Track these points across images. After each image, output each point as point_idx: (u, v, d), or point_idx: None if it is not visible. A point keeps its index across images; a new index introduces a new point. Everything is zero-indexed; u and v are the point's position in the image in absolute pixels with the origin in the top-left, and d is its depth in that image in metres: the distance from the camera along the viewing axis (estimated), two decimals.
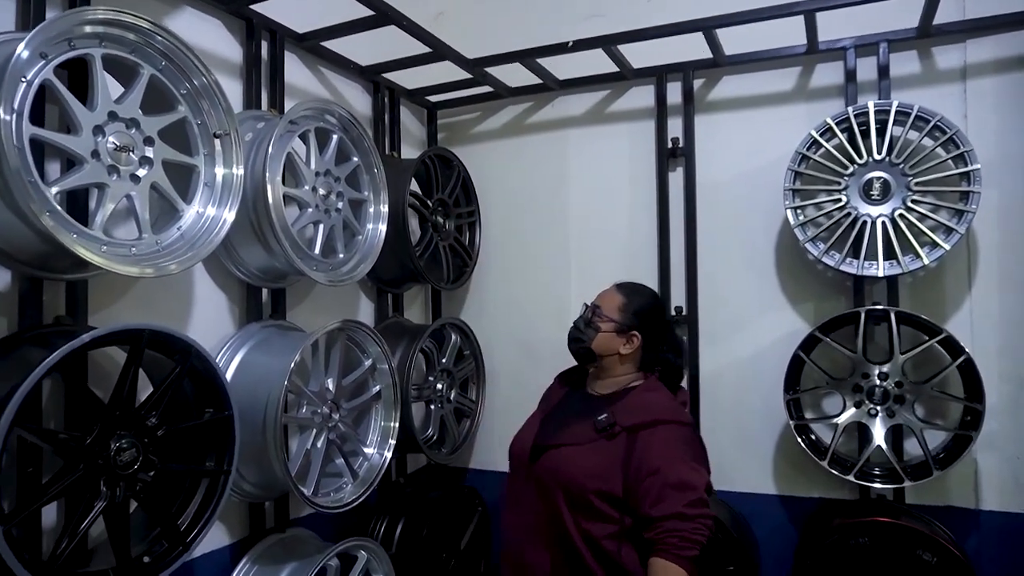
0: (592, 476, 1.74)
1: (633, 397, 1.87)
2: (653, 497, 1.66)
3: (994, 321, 2.23)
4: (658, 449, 1.72)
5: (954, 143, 2.08)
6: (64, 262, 1.48)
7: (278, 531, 2.08)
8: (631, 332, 1.91)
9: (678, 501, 1.64)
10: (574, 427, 1.85)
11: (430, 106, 3.00)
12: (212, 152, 1.66)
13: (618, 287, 2.00)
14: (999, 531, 2.21)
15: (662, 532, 1.63)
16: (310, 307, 2.32)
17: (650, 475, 1.68)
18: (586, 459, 1.77)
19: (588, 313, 1.96)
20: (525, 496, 1.87)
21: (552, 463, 1.82)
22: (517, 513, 1.89)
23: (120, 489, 1.41)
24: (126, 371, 1.42)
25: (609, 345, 1.91)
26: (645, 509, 1.67)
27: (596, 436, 1.79)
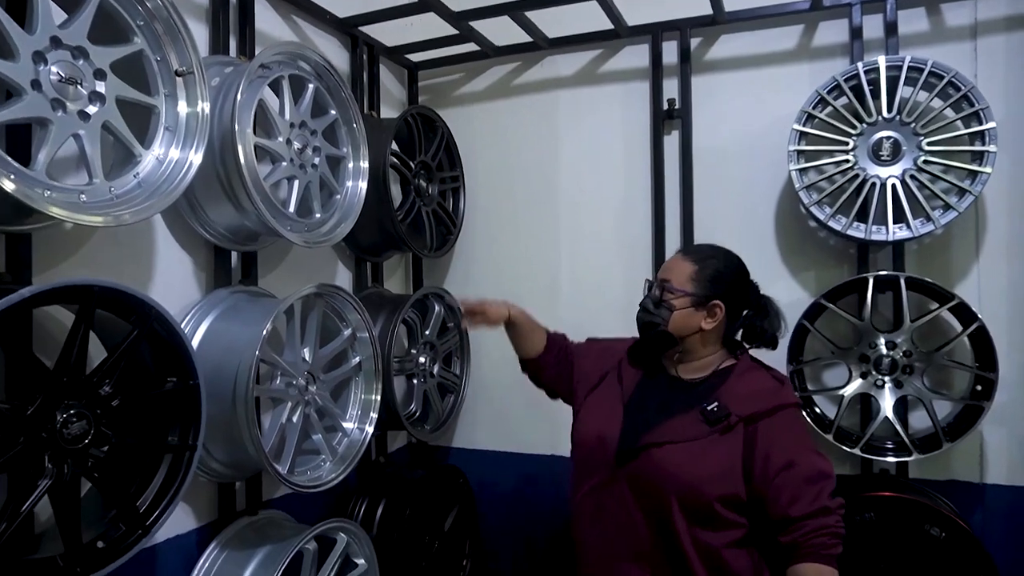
0: (714, 479, 1.49)
1: (739, 381, 1.60)
2: (789, 495, 1.44)
3: (1003, 289, 2.15)
4: (784, 439, 1.49)
5: (968, 100, 1.98)
6: (3, 209, 1.30)
7: (249, 513, 1.93)
8: (712, 303, 1.60)
9: (819, 495, 1.44)
10: (678, 420, 1.56)
11: (411, 66, 2.83)
12: (174, 92, 1.48)
13: (684, 253, 1.70)
14: (1005, 505, 2.14)
15: (807, 533, 1.42)
16: (283, 273, 2.15)
17: (782, 471, 1.46)
18: (704, 459, 1.50)
19: (656, 291, 1.65)
20: (611, 503, 1.57)
21: (659, 465, 1.52)
22: (600, 523, 1.59)
23: (68, 466, 1.24)
24: (74, 333, 1.26)
25: (688, 323, 1.61)
26: (781, 510, 1.44)
27: (709, 431, 1.52)
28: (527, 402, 2.74)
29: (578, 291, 2.68)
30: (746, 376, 1.60)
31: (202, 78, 1.49)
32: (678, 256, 1.70)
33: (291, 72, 1.84)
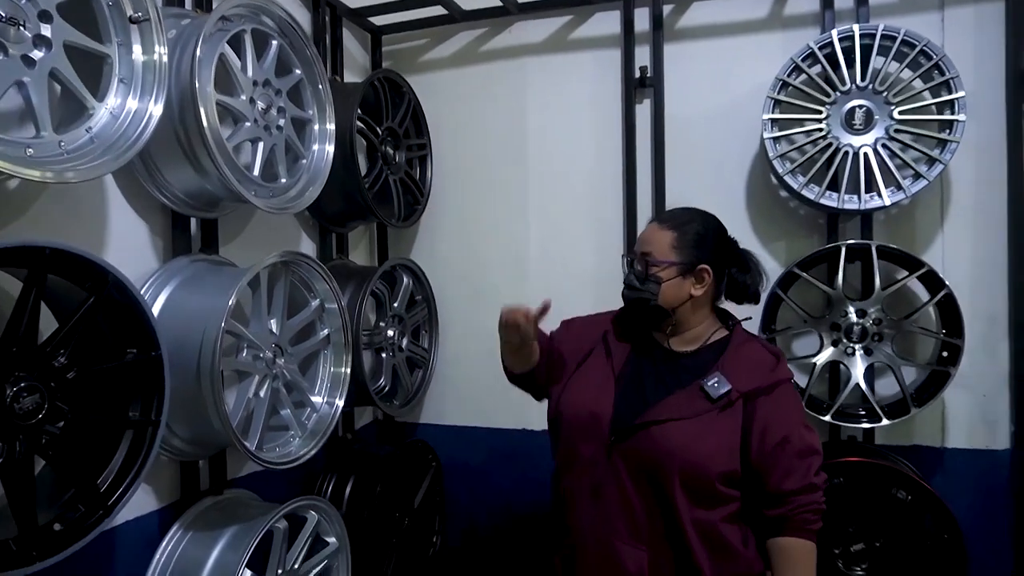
0: (716, 456, 1.46)
1: (737, 354, 1.56)
2: (782, 470, 1.45)
3: (967, 258, 2.19)
4: (781, 415, 1.48)
5: (939, 70, 2.00)
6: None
7: (214, 493, 1.84)
8: (699, 268, 1.56)
9: (807, 471, 1.46)
10: (678, 396, 1.52)
11: (375, 29, 2.71)
12: (128, 41, 1.37)
13: (660, 221, 1.63)
14: (964, 468, 2.21)
15: (795, 508, 1.44)
16: (245, 242, 2.04)
17: (778, 445, 1.45)
18: (707, 436, 1.47)
19: (638, 266, 1.59)
20: (608, 482, 1.53)
21: (661, 444, 1.47)
22: (596, 504, 1.55)
23: (20, 443, 1.15)
24: (24, 298, 1.15)
25: (679, 293, 1.56)
26: (773, 484, 1.45)
27: (710, 407, 1.48)
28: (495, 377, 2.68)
29: (547, 262, 2.64)
30: (743, 349, 1.57)
31: (159, 24, 1.38)
32: (654, 225, 1.64)
33: (253, 27, 1.73)
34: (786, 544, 1.46)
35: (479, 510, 2.73)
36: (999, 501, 2.17)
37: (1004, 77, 2.15)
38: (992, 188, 2.17)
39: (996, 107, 2.16)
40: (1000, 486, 2.17)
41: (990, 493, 2.17)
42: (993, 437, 2.19)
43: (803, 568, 1.46)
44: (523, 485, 2.65)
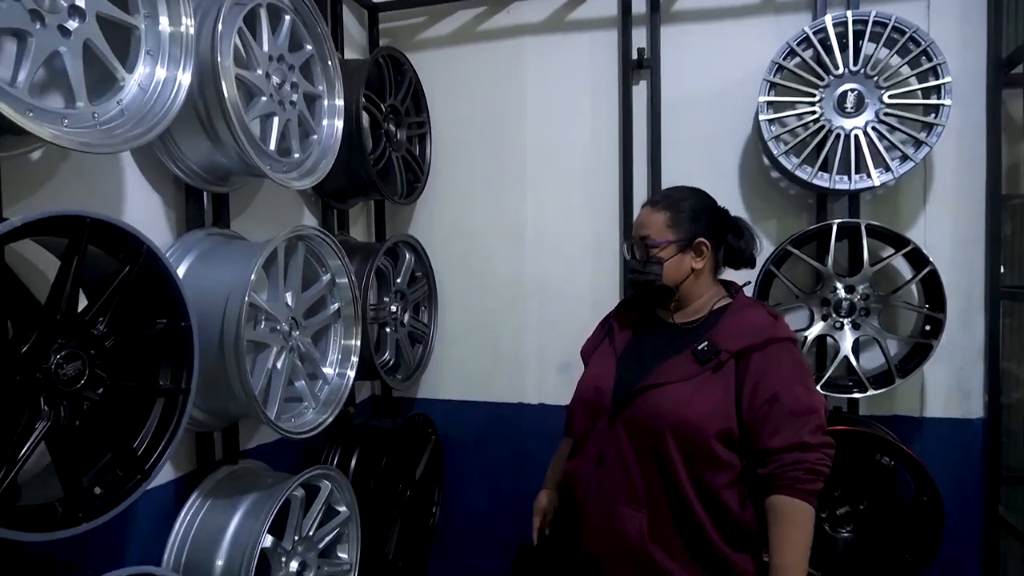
0: (708, 416, 1.51)
1: (732, 318, 1.62)
2: (771, 427, 1.48)
3: (947, 237, 2.31)
4: (773, 372, 1.52)
5: (927, 56, 2.09)
6: None
7: (229, 463, 1.87)
8: (697, 241, 1.64)
9: (800, 429, 1.47)
10: (672, 362, 1.59)
11: (372, 6, 2.72)
12: (154, 12, 1.38)
13: (652, 204, 1.70)
14: (941, 435, 2.34)
15: (783, 465, 1.46)
16: (252, 217, 2.06)
17: (767, 402, 1.49)
18: (698, 397, 1.53)
19: (639, 252, 1.66)
20: (610, 449, 1.61)
21: (655, 406, 1.55)
22: (600, 472, 1.62)
23: (64, 408, 1.17)
24: (66, 268, 1.17)
25: (680, 269, 1.64)
26: (762, 441, 1.49)
27: (701, 369, 1.55)
28: (492, 351, 2.78)
29: (544, 240, 2.69)
30: (741, 313, 1.64)
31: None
32: (647, 209, 1.71)
33: (268, 1, 1.74)
34: (776, 502, 1.47)
35: (476, 481, 2.80)
36: (972, 466, 2.31)
37: (985, 64, 2.25)
38: (972, 170, 2.28)
39: (977, 93, 2.26)
40: (974, 452, 2.31)
41: (964, 459, 2.31)
42: (968, 406, 2.32)
43: (791, 526, 1.46)
44: (517, 456, 2.72)
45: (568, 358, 2.62)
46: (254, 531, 1.62)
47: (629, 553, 1.56)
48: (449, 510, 2.77)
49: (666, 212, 1.65)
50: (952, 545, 2.19)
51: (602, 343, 1.81)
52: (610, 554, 1.59)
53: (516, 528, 2.74)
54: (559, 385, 2.63)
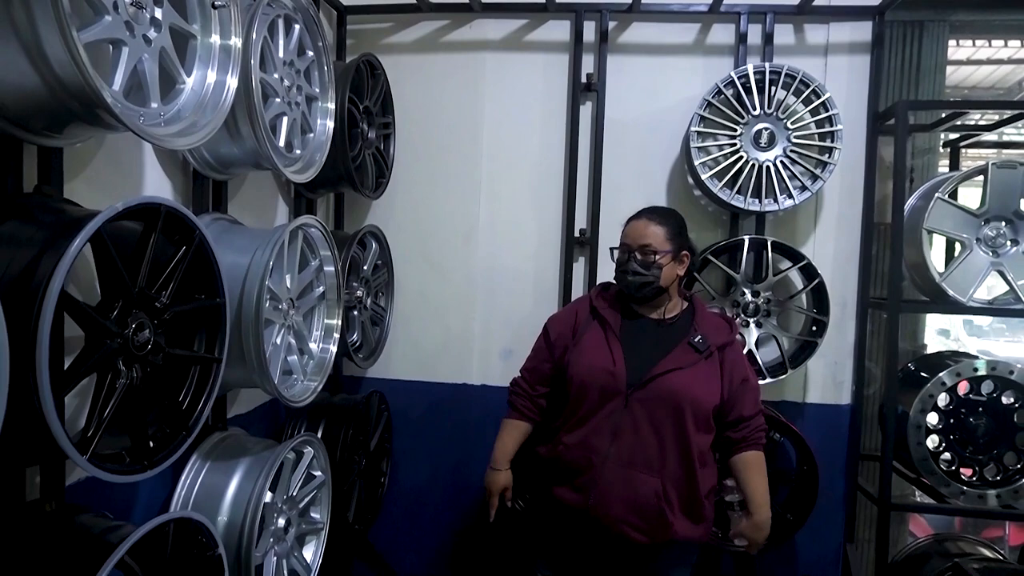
0: (710, 393, 1.94)
1: (705, 318, 2.05)
2: (744, 401, 1.99)
3: (830, 255, 2.80)
4: (739, 361, 2.02)
5: (824, 107, 2.55)
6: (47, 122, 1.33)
7: (220, 430, 2.04)
8: (682, 253, 2.02)
9: (757, 401, 2.03)
10: (676, 352, 1.96)
11: (341, 8, 2.89)
12: (208, 24, 1.55)
13: (649, 218, 2.02)
14: (818, 417, 2.83)
15: (754, 429, 1.99)
16: (239, 204, 2.21)
17: (740, 384, 1.99)
18: (702, 379, 1.94)
19: (641, 256, 1.98)
20: (626, 424, 1.92)
21: (673, 387, 1.90)
22: (615, 444, 1.92)
23: (136, 371, 1.34)
24: (141, 248, 1.34)
25: (671, 274, 2.00)
26: (737, 413, 1.98)
27: (699, 357, 1.95)
28: (441, 336, 3.03)
29: (494, 238, 2.97)
30: (706, 315, 2.08)
31: (236, 10, 1.57)
32: (646, 221, 2.02)
33: (285, 12, 1.91)
34: (750, 456, 2.01)
35: (421, 455, 3.04)
36: (840, 443, 2.82)
37: (866, 116, 2.75)
38: (852, 201, 2.78)
39: (859, 138, 2.76)
40: (842, 432, 2.82)
41: (834, 436, 2.81)
42: (839, 394, 2.83)
43: (762, 471, 2.03)
44: (461, 433, 3.00)
45: (511, 344, 2.93)
46: (258, 487, 1.81)
47: (644, 512, 1.91)
48: (395, 481, 3.00)
49: (664, 227, 2.00)
50: (822, 506, 2.67)
51: (590, 326, 2.08)
52: (625, 513, 1.92)
53: (456, 498, 3.02)
54: (501, 368, 2.93)
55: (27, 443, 1.22)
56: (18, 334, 1.06)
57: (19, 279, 1.15)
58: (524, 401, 2.16)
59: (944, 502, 2.60)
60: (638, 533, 1.91)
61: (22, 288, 1.13)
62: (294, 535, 2.08)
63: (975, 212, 2.54)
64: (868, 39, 2.75)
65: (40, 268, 1.15)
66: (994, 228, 2.56)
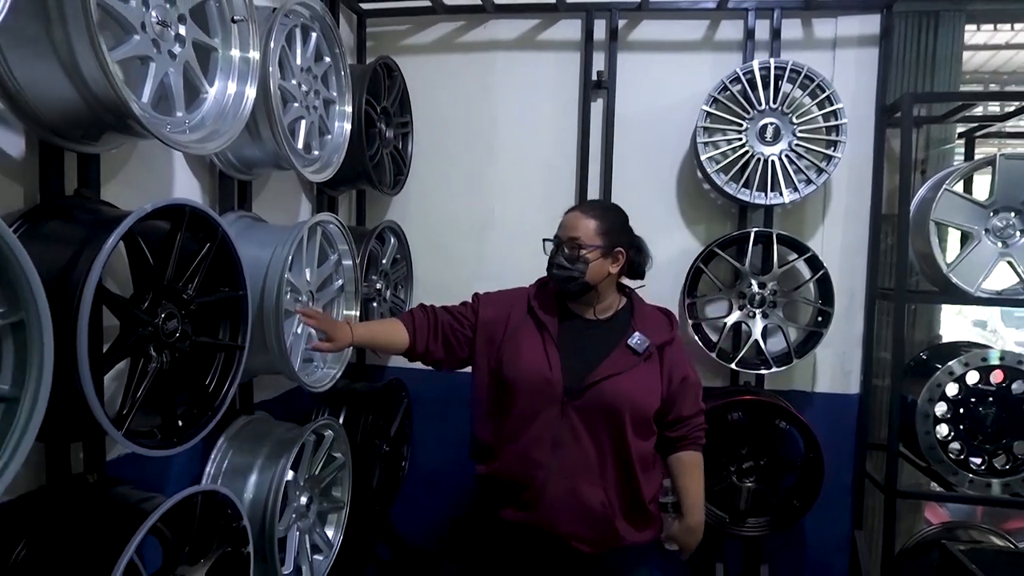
0: (649, 396, 1.89)
1: (642, 317, 1.97)
2: (683, 400, 1.94)
3: (838, 247, 2.84)
4: (679, 359, 1.97)
5: (829, 101, 2.59)
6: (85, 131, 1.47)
7: (247, 413, 2.18)
8: (616, 250, 1.92)
9: (698, 399, 1.98)
10: (614, 356, 1.89)
11: (361, 12, 3.01)
12: (228, 37, 1.67)
13: (583, 211, 1.95)
14: (826, 406, 2.88)
15: (692, 428, 1.96)
16: (264, 201, 2.34)
17: (680, 383, 1.94)
18: (642, 383, 1.88)
19: (568, 249, 1.90)
20: (565, 434, 1.85)
21: (612, 394, 1.84)
22: (556, 454, 1.85)
23: (165, 356, 1.48)
24: (169, 245, 1.48)
25: (601, 271, 1.91)
26: (676, 412, 1.94)
27: (637, 360, 1.88)
28: None
29: (505, 232, 3.06)
30: (645, 312, 2.01)
31: (254, 24, 1.69)
32: (578, 214, 1.94)
33: (302, 21, 2.04)
34: (686, 456, 1.98)
35: (438, 440, 3.16)
36: (848, 432, 2.86)
37: (875, 108, 2.78)
38: (860, 193, 2.81)
39: (867, 131, 2.79)
40: (850, 420, 2.86)
41: (842, 425, 2.86)
42: (848, 384, 2.87)
43: (699, 472, 1.99)
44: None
45: None
46: (280, 466, 1.94)
47: (592, 523, 1.86)
48: (415, 465, 3.13)
49: (595, 220, 1.91)
50: (830, 493, 2.73)
51: (524, 324, 1.98)
52: (574, 526, 1.86)
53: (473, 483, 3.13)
54: None
55: (71, 421, 1.36)
56: (61, 323, 1.20)
57: (61, 273, 1.28)
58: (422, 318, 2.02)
59: (952, 490, 2.64)
60: (588, 545, 1.87)
61: (64, 281, 1.27)
62: (316, 512, 2.22)
63: (983, 203, 2.56)
64: (876, 32, 2.77)
65: (79, 263, 1.28)
66: (1003, 219, 2.58)
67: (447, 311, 2.07)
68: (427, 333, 2.02)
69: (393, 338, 2.00)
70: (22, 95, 1.31)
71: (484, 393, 2.01)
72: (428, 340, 2.02)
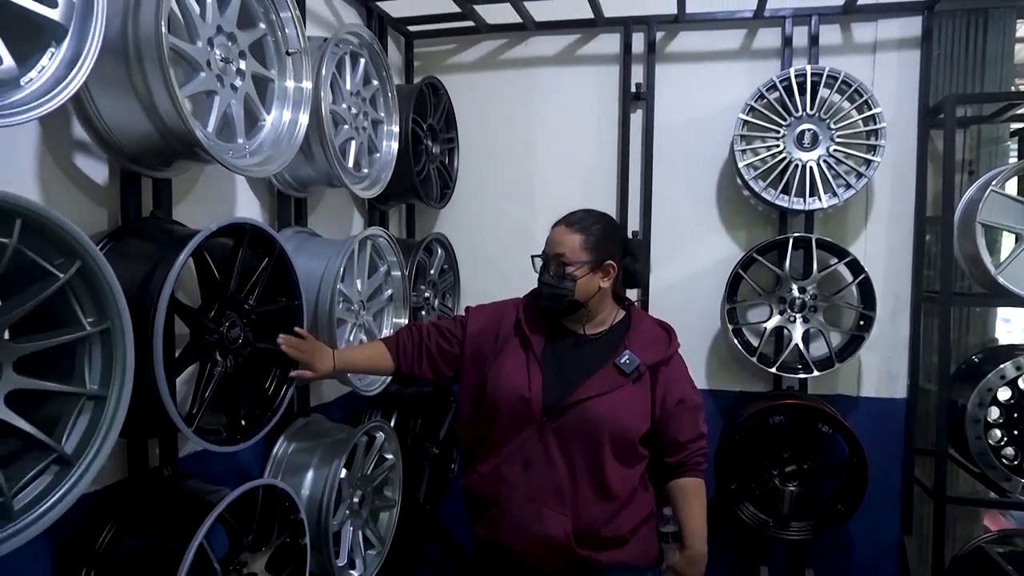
0: (636, 420, 1.77)
1: (637, 332, 1.85)
2: (679, 424, 1.80)
3: (882, 250, 2.83)
4: (676, 379, 1.83)
5: (868, 105, 2.60)
6: (159, 160, 1.63)
7: (304, 415, 2.34)
8: (606, 263, 1.82)
9: (697, 422, 1.83)
10: (599, 376, 1.78)
11: (409, 34, 3.16)
12: (283, 68, 1.83)
13: (567, 225, 1.84)
14: (872, 411, 2.87)
15: (691, 454, 1.81)
16: (319, 217, 2.51)
17: (676, 406, 1.80)
18: (627, 405, 1.76)
19: (554, 267, 1.82)
20: (537, 454, 1.77)
21: (592, 416, 1.74)
22: (525, 476, 1.78)
23: (230, 361, 1.63)
24: (232, 260, 1.63)
25: (590, 287, 1.81)
26: (671, 436, 1.81)
27: (624, 380, 1.77)
28: None
29: None
30: (641, 327, 1.88)
31: (307, 56, 1.84)
32: (562, 228, 1.84)
33: (352, 48, 2.19)
34: (685, 483, 1.84)
35: None
36: (894, 436, 2.84)
37: (917, 110, 2.77)
38: (904, 195, 2.80)
39: (910, 132, 2.78)
40: (897, 425, 2.84)
41: (889, 429, 2.84)
42: (894, 388, 2.85)
43: (699, 500, 1.85)
44: None
45: None
46: (334, 464, 2.08)
47: (550, 550, 1.76)
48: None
49: (580, 235, 1.80)
50: (877, 498, 2.72)
51: (510, 340, 1.90)
52: (530, 548, 1.79)
53: None
54: None
55: (148, 419, 1.52)
56: (138, 331, 1.35)
57: (139, 287, 1.44)
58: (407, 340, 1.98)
59: (1006, 497, 2.59)
60: (549, 568, 1.81)
61: (141, 294, 1.42)
62: (368, 510, 2.35)
63: None
64: (918, 34, 2.77)
65: (154, 278, 1.44)
66: None
67: (437, 329, 2.01)
68: (411, 355, 1.98)
69: (376, 362, 1.98)
70: (107, 130, 1.49)
71: (468, 406, 1.96)
72: (413, 362, 1.98)
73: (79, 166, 1.53)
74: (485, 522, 1.87)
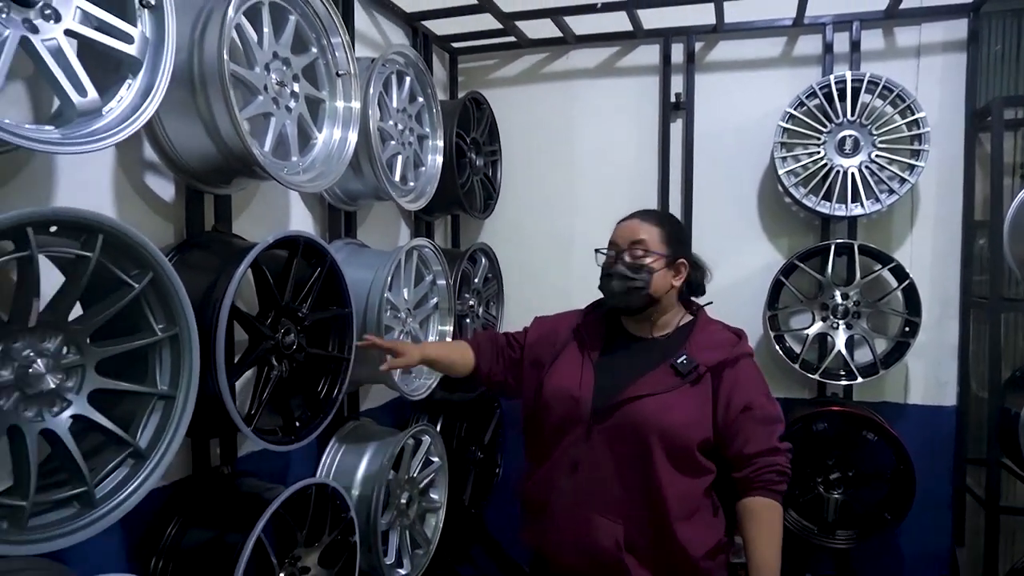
0: (690, 425, 1.62)
1: (702, 335, 1.74)
2: (745, 435, 1.62)
3: (928, 255, 2.79)
4: (743, 385, 1.66)
5: (910, 110, 2.58)
6: (220, 177, 1.75)
7: (353, 419, 2.44)
8: (679, 261, 1.75)
9: (770, 436, 1.62)
10: (652, 375, 1.67)
11: (453, 51, 3.27)
12: (334, 89, 1.94)
13: (644, 218, 1.79)
14: (920, 418, 2.82)
15: (759, 469, 1.59)
16: (367, 229, 2.61)
17: (741, 413, 1.63)
18: (679, 407, 1.62)
19: (630, 258, 1.73)
20: (585, 458, 1.67)
21: (639, 416, 1.62)
22: (573, 481, 1.68)
23: (285, 366, 1.74)
24: (287, 269, 1.73)
25: (664, 283, 1.72)
26: (736, 448, 1.62)
27: (680, 381, 1.64)
28: None
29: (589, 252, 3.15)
30: (708, 330, 1.77)
31: (357, 78, 1.95)
32: (637, 220, 1.78)
33: (398, 68, 2.29)
34: (751, 503, 1.60)
35: None
36: (944, 445, 2.79)
37: (964, 113, 2.73)
38: (951, 199, 2.76)
39: (956, 136, 2.74)
40: (946, 433, 2.79)
41: (938, 437, 2.79)
42: (943, 395, 2.81)
43: (767, 524, 1.60)
44: None
45: None
46: (383, 466, 2.17)
47: (603, 564, 1.63)
48: (508, 472, 3.31)
49: (658, 228, 1.75)
50: (926, 508, 2.67)
51: (568, 345, 1.85)
52: (583, 565, 1.66)
53: None
54: None
55: (210, 420, 1.63)
56: (202, 336, 1.46)
57: (203, 295, 1.55)
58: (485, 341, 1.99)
59: None
60: None
61: (205, 302, 1.53)
62: (416, 511, 2.43)
63: None
64: (963, 37, 2.73)
65: (216, 287, 1.55)
66: None
67: (505, 335, 2.03)
68: (490, 355, 1.99)
69: (459, 358, 1.98)
70: (173, 151, 1.61)
71: (527, 412, 1.90)
72: (491, 362, 1.98)
73: (149, 184, 1.66)
74: (536, 531, 1.78)
